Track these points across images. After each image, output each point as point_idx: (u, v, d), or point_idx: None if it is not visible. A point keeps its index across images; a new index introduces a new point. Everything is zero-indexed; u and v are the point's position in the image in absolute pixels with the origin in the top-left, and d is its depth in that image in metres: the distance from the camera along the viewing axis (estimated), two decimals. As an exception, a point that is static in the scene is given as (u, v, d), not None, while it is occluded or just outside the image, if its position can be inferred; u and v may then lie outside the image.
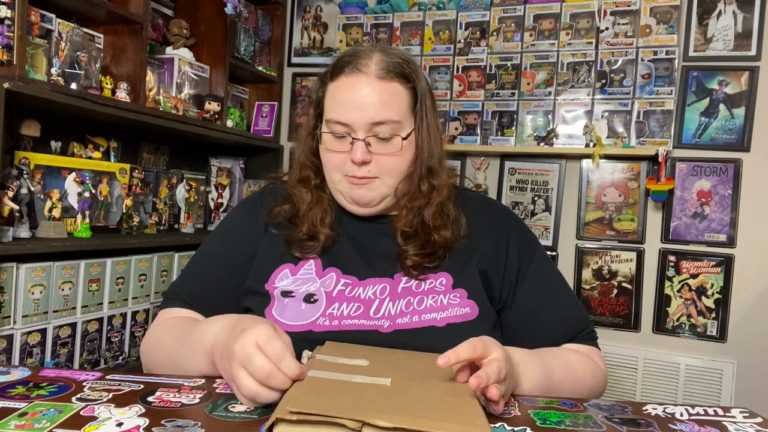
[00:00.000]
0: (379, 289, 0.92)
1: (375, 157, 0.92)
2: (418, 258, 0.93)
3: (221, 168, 2.64)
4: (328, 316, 0.89)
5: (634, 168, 2.37)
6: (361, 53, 0.94)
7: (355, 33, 2.70)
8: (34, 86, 1.57)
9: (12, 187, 1.58)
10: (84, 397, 0.70)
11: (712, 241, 2.29)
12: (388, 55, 0.94)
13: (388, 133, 0.91)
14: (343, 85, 0.92)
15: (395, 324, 0.88)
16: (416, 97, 0.95)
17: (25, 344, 1.61)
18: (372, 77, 0.91)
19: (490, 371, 0.68)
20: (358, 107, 0.90)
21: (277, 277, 0.94)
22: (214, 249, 1.03)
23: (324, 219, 0.97)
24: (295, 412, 0.56)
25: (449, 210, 0.97)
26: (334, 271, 0.94)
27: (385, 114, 0.90)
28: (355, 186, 0.93)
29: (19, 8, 1.52)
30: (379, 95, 0.91)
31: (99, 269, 1.84)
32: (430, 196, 0.96)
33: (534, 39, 2.45)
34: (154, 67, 2.17)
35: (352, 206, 0.96)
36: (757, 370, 2.22)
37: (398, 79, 0.93)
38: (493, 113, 2.51)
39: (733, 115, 2.26)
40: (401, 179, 0.95)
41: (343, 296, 0.91)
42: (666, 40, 2.30)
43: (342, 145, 0.93)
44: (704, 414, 0.75)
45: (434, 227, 0.95)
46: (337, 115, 0.92)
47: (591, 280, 2.43)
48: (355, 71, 0.92)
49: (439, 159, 0.97)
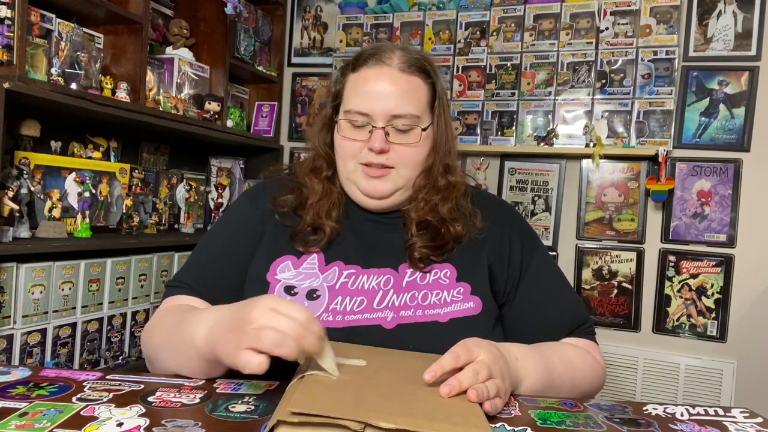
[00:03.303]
0: (383, 281, 0.92)
1: (393, 147, 0.93)
2: (427, 250, 0.93)
3: (221, 168, 2.64)
4: (331, 312, 0.89)
5: (634, 168, 2.37)
6: (384, 47, 0.96)
7: (355, 33, 2.70)
8: (34, 86, 1.57)
9: (12, 187, 1.58)
10: (84, 397, 0.70)
11: (712, 241, 2.29)
12: (409, 51, 0.96)
13: (407, 125, 0.92)
14: (366, 75, 0.94)
15: (399, 317, 0.88)
16: (435, 94, 0.97)
17: (25, 344, 1.61)
18: (395, 69, 0.93)
19: (463, 377, 0.67)
20: (379, 97, 0.92)
21: (278, 267, 0.93)
22: (221, 238, 1.01)
23: (330, 212, 0.96)
24: (297, 413, 0.56)
25: (464, 206, 0.98)
26: (336, 264, 0.94)
27: (406, 107, 0.92)
28: (371, 177, 0.94)
29: (19, 8, 1.52)
30: (400, 87, 0.92)
31: (99, 269, 1.84)
32: (447, 192, 0.97)
33: (534, 39, 2.45)
34: (154, 67, 2.17)
35: (364, 199, 0.96)
36: (757, 370, 2.22)
37: (419, 74, 0.95)
38: (493, 113, 2.50)
39: (733, 115, 2.26)
40: (417, 172, 0.96)
41: (346, 289, 0.91)
42: (666, 40, 2.30)
43: (360, 134, 0.93)
44: (705, 414, 0.75)
45: (448, 221, 0.95)
46: (359, 104, 0.93)
47: (591, 280, 2.43)
48: (379, 63, 0.94)
49: (455, 157, 1.00)
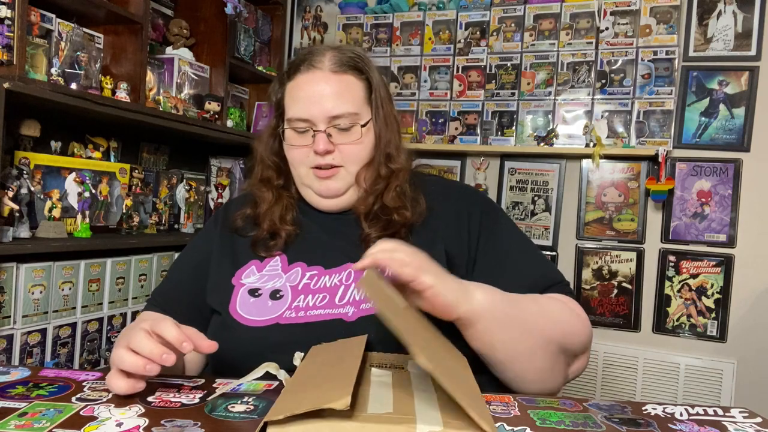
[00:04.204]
0: (345, 276, 0.93)
1: (337, 147, 0.95)
2: None
3: (221, 168, 2.63)
4: (293, 309, 0.90)
5: (634, 168, 2.37)
6: (315, 51, 0.98)
7: (355, 33, 2.70)
8: (34, 86, 1.57)
9: (12, 187, 1.58)
10: (84, 397, 0.70)
11: (712, 241, 2.29)
12: (340, 51, 0.98)
13: (347, 123, 0.95)
14: (300, 82, 0.96)
15: (359, 310, 0.88)
16: (371, 88, 0.99)
17: (25, 344, 1.61)
18: (326, 72, 0.95)
19: (368, 252, 0.73)
20: (316, 101, 0.94)
21: (243, 273, 0.96)
22: (187, 259, 1.08)
23: (285, 216, 1.00)
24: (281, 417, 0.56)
25: (407, 191, 0.99)
26: (299, 265, 0.96)
27: (343, 106, 0.94)
28: (322, 179, 0.97)
29: (19, 8, 1.52)
30: (334, 87, 0.94)
31: (99, 269, 1.84)
32: (389, 180, 0.98)
33: (534, 39, 2.45)
34: (154, 67, 2.17)
35: (319, 200, 0.99)
36: (757, 370, 2.22)
37: (351, 72, 0.97)
38: (493, 113, 2.51)
39: (733, 115, 2.26)
40: (363, 166, 0.98)
41: (308, 289, 0.92)
42: (666, 40, 2.30)
43: (304, 139, 0.96)
44: (704, 414, 0.75)
45: (395, 208, 0.96)
46: (298, 111, 0.95)
47: (591, 280, 2.43)
48: (310, 68, 0.96)
49: (396, 146, 1.00)
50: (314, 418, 0.56)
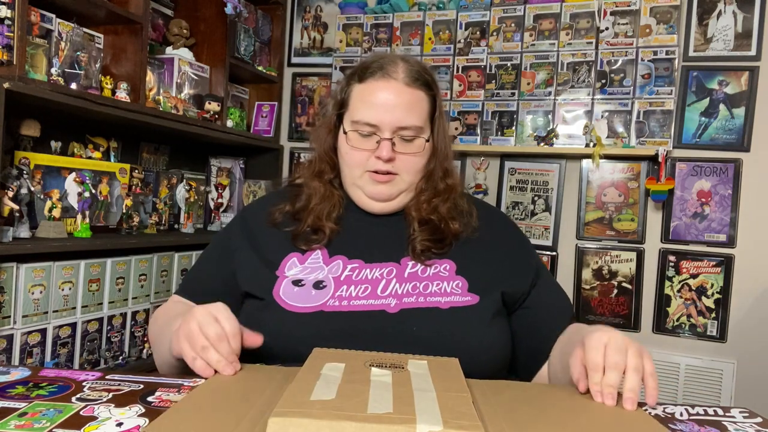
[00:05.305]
0: (386, 271, 0.97)
1: (398, 155, 0.99)
2: (429, 243, 0.99)
3: (221, 168, 2.64)
4: (337, 298, 0.93)
5: (634, 168, 2.37)
6: (388, 59, 1.02)
7: (355, 33, 2.70)
8: (34, 86, 1.57)
9: (12, 187, 1.58)
10: (84, 397, 0.70)
11: (712, 241, 2.29)
12: (411, 63, 1.02)
13: (410, 135, 0.99)
14: (373, 88, 0.99)
15: (401, 303, 0.93)
16: (435, 105, 1.04)
17: (25, 344, 1.61)
18: (401, 83, 0.99)
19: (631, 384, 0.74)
20: (388, 110, 0.97)
21: (286, 265, 0.99)
22: (214, 249, 1.11)
23: (331, 213, 1.03)
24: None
25: (461, 206, 1.05)
26: (340, 258, 0.99)
27: (410, 119, 0.98)
28: (377, 183, 1.00)
29: (19, 8, 1.52)
30: (406, 100, 0.98)
31: (99, 269, 1.84)
32: (446, 194, 1.04)
33: (534, 39, 2.45)
34: (154, 67, 2.17)
35: (368, 202, 1.02)
36: (757, 370, 2.22)
37: (423, 88, 1.01)
38: (493, 113, 2.50)
39: (733, 115, 2.26)
40: (419, 177, 1.03)
41: (350, 280, 0.96)
42: (666, 40, 2.30)
43: (367, 143, 0.99)
44: (704, 414, 0.75)
45: (448, 218, 1.02)
46: (367, 116, 0.98)
47: (591, 280, 2.43)
48: (385, 76, 0.99)
49: (451, 161, 1.07)
50: (315, 417, 0.56)
